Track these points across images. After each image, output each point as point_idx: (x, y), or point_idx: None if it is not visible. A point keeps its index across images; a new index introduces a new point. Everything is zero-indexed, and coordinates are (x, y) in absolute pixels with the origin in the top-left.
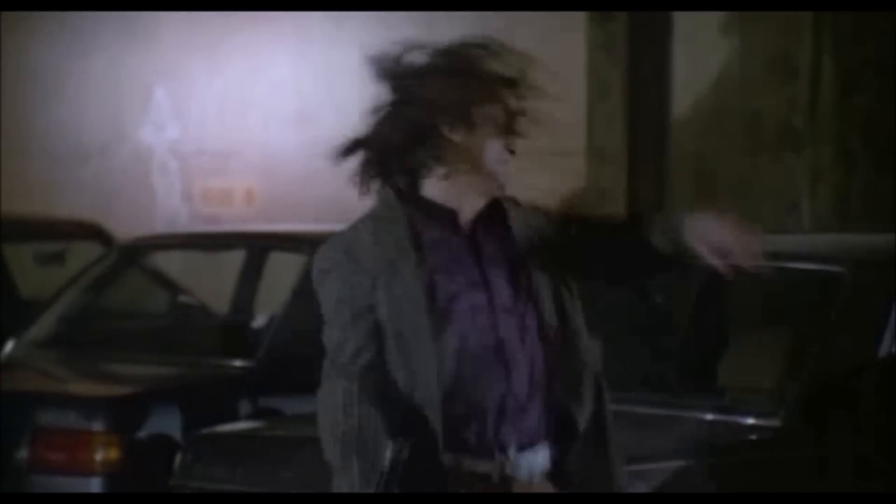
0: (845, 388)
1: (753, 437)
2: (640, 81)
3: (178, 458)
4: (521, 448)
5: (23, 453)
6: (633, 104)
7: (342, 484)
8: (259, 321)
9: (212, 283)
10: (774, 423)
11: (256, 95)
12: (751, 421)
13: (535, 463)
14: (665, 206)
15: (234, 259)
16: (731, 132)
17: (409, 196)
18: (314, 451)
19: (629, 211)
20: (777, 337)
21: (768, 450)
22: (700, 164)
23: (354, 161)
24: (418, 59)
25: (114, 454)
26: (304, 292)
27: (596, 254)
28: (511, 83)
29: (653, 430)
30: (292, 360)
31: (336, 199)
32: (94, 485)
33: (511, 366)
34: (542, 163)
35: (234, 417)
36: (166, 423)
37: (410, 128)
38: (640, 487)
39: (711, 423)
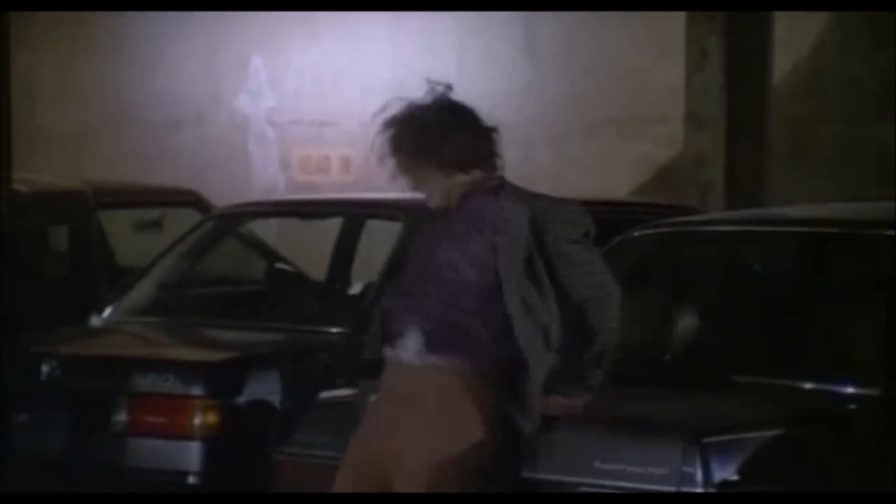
0: None
1: (852, 406)
2: (739, 48)
3: (275, 425)
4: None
5: (121, 417)
6: (732, 71)
7: None
8: (355, 288)
9: (308, 250)
10: (874, 392)
11: (353, 64)
12: (850, 390)
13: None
14: (763, 173)
15: (331, 227)
16: (829, 98)
17: None
18: None
19: (727, 178)
20: (875, 305)
21: (867, 419)
22: (799, 129)
23: None
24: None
25: (212, 419)
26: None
27: None
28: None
29: (751, 399)
30: None
31: None
32: (193, 449)
33: (422, 297)
34: (640, 130)
35: (330, 385)
36: (264, 389)
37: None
38: (739, 456)
39: (809, 392)
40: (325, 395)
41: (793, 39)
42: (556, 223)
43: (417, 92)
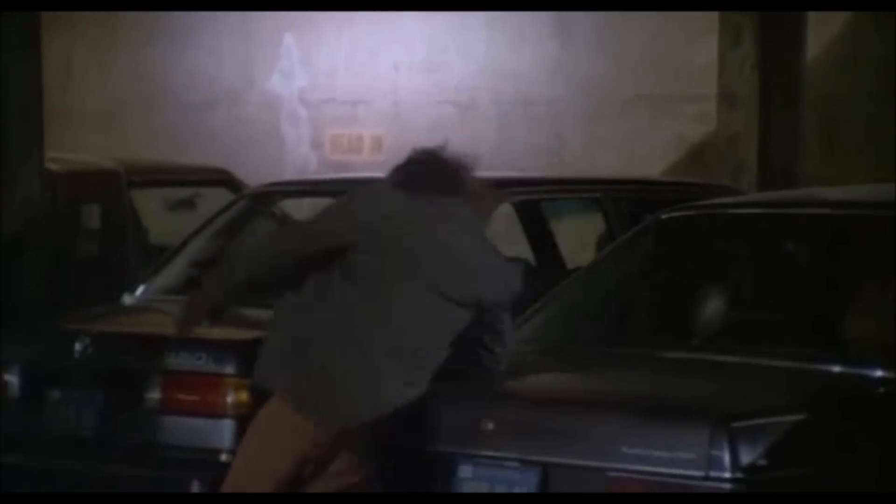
0: None
1: (882, 389)
2: (773, 26)
3: None
4: None
5: (154, 395)
6: (765, 49)
7: None
8: None
9: None
10: None
11: (385, 43)
12: (879, 373)
13: None
14: (796, 152)
15: None
16: (863, 78)
17: None
18: None
19: (760, 157)
20: None
21: None
22: (832, 109)
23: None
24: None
25: (244, 397)
26: None
27: None
28: None
29: (780, 382)
30: None
31: (463, 146)
32: (226, 427)
33: None
34: (673, 109)
35: None
36: None
37: None
38: (767, 441)
39: (839, 375)
40: None
41: (826, 19)
42: None
43: (449, 71)
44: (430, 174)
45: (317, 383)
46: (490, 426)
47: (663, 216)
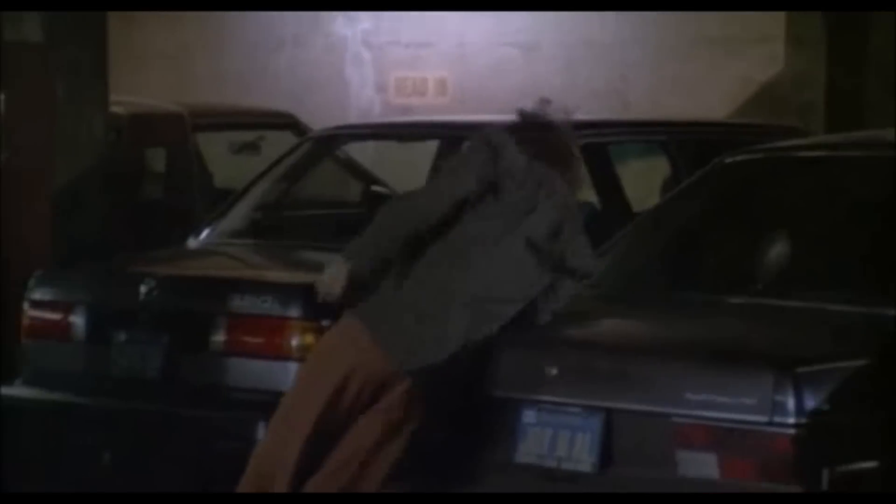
0: None
1: None
2: None
3: None
4: None
5: (219, 337)
6: None
7: None
8: None
9: (404, 172)
10: None
11: None
12: None
13: None
14: (863, 92)
15: (427, 149)
16: None
17: None
18: None
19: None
20: None
21: None
22: None
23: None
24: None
25: (309, 340)
26: None
27: None
28: None
29: (844, 328)
30: None
31: (527, 88)
32: (291, 369)
33: None
34: (740, 50)
35: None
36: None
37: None
38: (831, 386)
39: None
40: None
41: None
42: None
43: (513, 12)
44: (548, 145)
45: (395, 320)
46: (554, 371)
47: (728, 160)
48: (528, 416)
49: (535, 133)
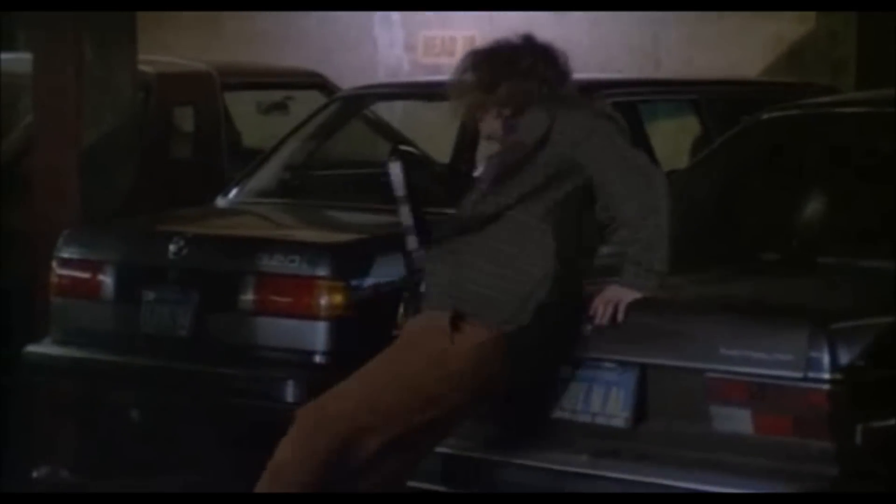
0: None
1: None
2: None
3: (401, 307)
4: None
5: (248, 296)
6: None
7: None
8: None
9: (433, 132)
10: None
11: None
12: None
13: None
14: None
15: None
16: None
17: None
18: None
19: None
20: None
21: None
22: None
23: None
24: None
25: (338, 300)
26: None
27: None
28: None
29: (880, 284)
30: None
31: (557, 44)
32: (320, 329)
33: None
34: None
35: None
36: (388, 270)
37: None
38: (866, 342)
39: None
40: None
41: None
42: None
43: None
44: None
45: (472, 291)
46: (589, 327)
47: (764, 116)
48: (564, 371)
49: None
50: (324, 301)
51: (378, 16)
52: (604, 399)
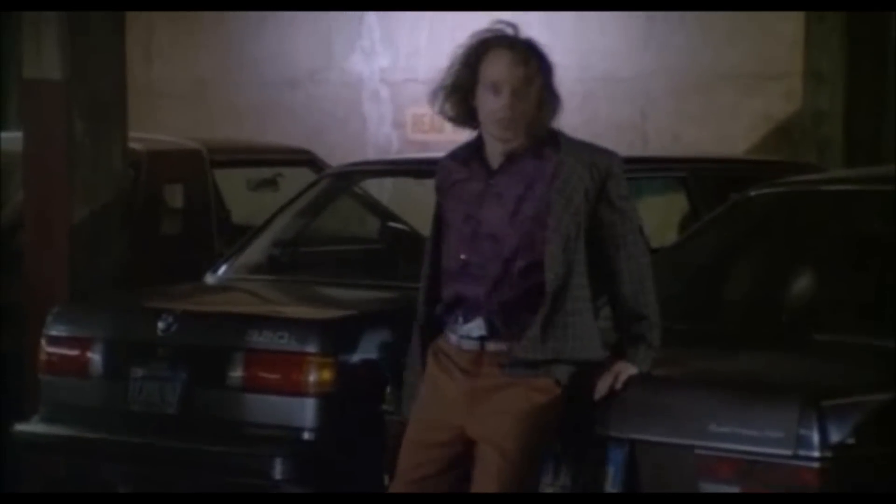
0: None
1: None
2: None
3: (388, 388)
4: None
5: (237, 373)
6: (852, 24)
7: None
8: None
9: (422, 209)
10: None
11: (467, 22)
12: None
13: (472, 331)
14: (882, 129)
15: None
16: None
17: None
18: None
19: (846, 134)
20: None
21: None
22: None
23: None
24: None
25: (327, 376)
26: None
27: None
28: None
29: (869, 361)
30: None
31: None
32: (309, 406)
33: (476, 272)
34: (759, 85)
35: None
36: (378, 347)
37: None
38: (856, 419)
39: None
40: None
41: None
42: (615, 177)
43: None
44: None
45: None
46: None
47: (752, 193)
48: (554, 445)
49: None
50: (312, 377)
51: (367, 92)
52: (594, 475)
